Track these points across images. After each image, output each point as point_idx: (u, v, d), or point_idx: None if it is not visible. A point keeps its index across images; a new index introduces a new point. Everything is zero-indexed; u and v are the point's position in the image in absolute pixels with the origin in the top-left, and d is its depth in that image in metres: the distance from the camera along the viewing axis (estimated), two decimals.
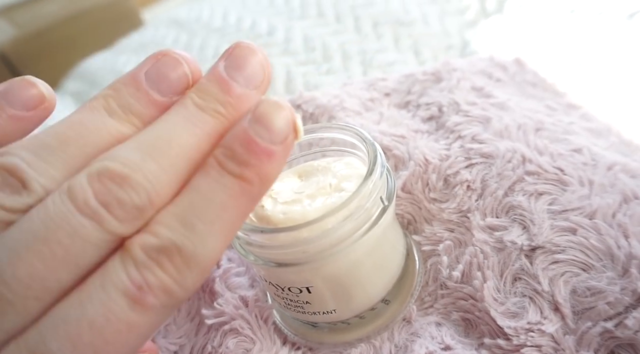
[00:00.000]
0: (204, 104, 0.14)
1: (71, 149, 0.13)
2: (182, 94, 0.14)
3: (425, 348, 0.20)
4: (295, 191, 0.22)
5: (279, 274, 0.21)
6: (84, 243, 0.11)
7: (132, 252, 0.12)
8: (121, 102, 0.14)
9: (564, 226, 0.21)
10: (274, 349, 0.22)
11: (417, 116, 0.32)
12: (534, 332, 0.19)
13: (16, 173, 0.12)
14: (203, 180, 0.13)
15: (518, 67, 0.35)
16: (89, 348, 0.11)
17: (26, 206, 0.12)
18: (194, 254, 0.12)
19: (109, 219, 0.12)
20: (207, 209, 0.12)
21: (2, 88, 0.14)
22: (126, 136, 0.13)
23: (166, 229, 0.12)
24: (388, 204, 0.21)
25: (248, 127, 0.13)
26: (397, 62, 0.44)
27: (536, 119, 0.27)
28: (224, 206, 0.12)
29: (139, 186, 0.12)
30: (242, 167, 0.13)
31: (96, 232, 0.11)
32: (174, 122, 0.13)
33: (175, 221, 0.12)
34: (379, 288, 0.22)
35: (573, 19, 0.42)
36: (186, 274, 0.12)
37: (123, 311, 0.11)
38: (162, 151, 0.13)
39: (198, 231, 0.12)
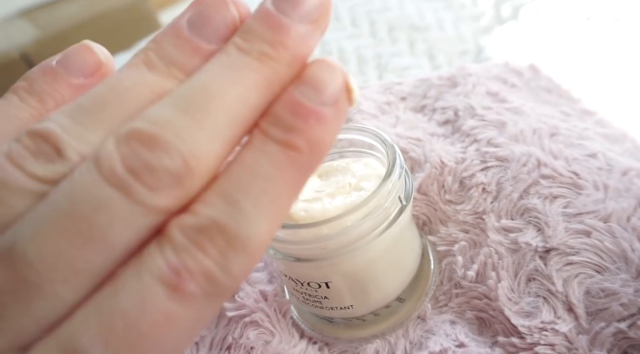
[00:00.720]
0: (248, 46, 0.12)
1: (109, 110, 0.11)
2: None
3: (439, 345, 0.21)
4: (315, 189, 0.23)
5: (299, 269, 0.21)
6: (111, 217, 0.10)
7: (169, 234, 0.10)
8: (161, 54, 0.12)
9: (579, 228, 0.21)
10: (292, 342, 0.22)
11: (433, 120, 0.32)
12: (548, 331, 0.19)
13: (50, 139, 0.11)
14: (246, 151, 0.11)
15: (533, 73, 0.36)
16: (123, 343, 0.10)
17: (61, 175, 0.10)
18: (238, 234, 0.10)
19: (137, 188, 0.10)
20: (252, 182, 0.11)
21: (61, 56, 0.13)
22: (169, 92, 0.12)
23: (205, 207, 0.10)
24: (406, 203, 0.21)
25: (294, 88, 0.11)
26: (411, 67, 0.45)
27: (551, 124, 0.28)
28: (269, 179, 0.11)
29: (171, 147, 0.10)
30: (288, 133, 0.11)
31: (125, 204, 0.10)
32: (213, 72, 0.11)
33: (215, 197, 0.10)
34: (395, 286, 0.23)
35: (589, 26, 0.42)
36: (230, 257, 0.10)
37: (160, 300, 0.10)
38: (199, 106, 0.11)
39: (242, 207, 0.10)
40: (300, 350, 0.22)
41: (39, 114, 0.13)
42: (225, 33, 0.12)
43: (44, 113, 0.13)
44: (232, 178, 0.11)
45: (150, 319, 0.10)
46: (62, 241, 0.10)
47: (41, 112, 0.13)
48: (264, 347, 0.21)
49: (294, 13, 0.12)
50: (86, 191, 0.10)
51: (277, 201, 0.11)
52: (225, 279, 0.10)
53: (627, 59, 0.37)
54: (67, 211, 0.10)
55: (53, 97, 0.13)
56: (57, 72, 0.13)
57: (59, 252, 0.10)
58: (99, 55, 0.14)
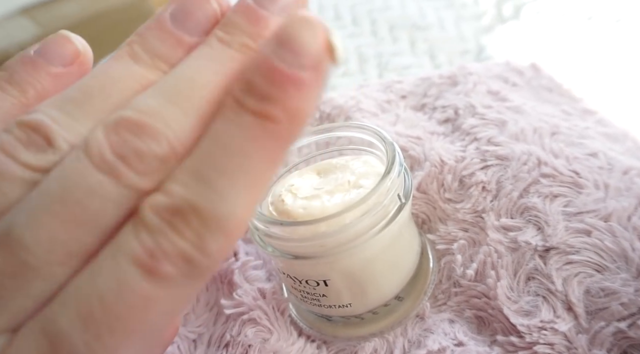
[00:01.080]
0: (229, 38, 0.12)
1: (96, 101, 0.11)
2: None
3: (438, 344, 0.21)
4: (314, 187, 0.22)
5: (297, 267, 0.21)
6: (103, 202, 0.10)
7: (142, 215, 0.10)
8: (146, 47, 0.12)
9: (579, 227, 0.21)
10: (291, 339, 0.22)
11: (433, 118, 0.32)
12: (547, 330, 0.19)
13: (40, 130, 0.11)
14: (219, 123, 0.10)
15: (534, 72, 0.35)
16: (102, 325, 0.10)
17: (52, 164, 0.11)
18: (213, 214, 0.10)
19: (126, 173, 0.10)
20: (225, 158, 0.10)
21: (39, 46, 0.14)
22: (153, 83, 0.12)
23: (178, 186, 0.10)
24: (405, 201, 0.21)
25: (269, 51, 0.10)
26: (412, 66, 0.45)
27: (552, 123, 0.27)
28: (244, 153, 0.10)
29: (159, 134, 0.10)
30: (264, 102, 0.10)
31: (115, 188, 0.10)
32: (196, 63, 0.12)
33: (188, 176, 0.10)
34: (393, 284, 0.23)
35: (590, 25, 0.42)
36: (207, 238, 0.10)
37: (136, 282, 0.10)
38: (183, 94, 0.11)
39: (216, 186, 0.10)
40: (298, 348, 0.22)
41: (20, 103, 0.13)
42: (206, 26, 0.13)
43: (24, 102, 0.13)
44: (205, 155, 0.10)
45: (128, 302, 0.10)
46: (57, 226, 0.10)
47: (22, 101, 0.13)
48: (262, 345, 0.21)
49: (272, 6, 0.12)
50: (77, 177, 0.10)
51: (254, 177, 0.10)
52: (203, 260, 0.10)
53: (628, 59, 0.37)
54: (60, 197, 0.10)
55: (34, 87, 0.13)
56: (36, 61, 0.13)
57: (54, 236, 0.10)
58: (77, 45, 0.14)
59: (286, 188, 0.22)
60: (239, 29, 0.12)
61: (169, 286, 0.10)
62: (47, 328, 0.10)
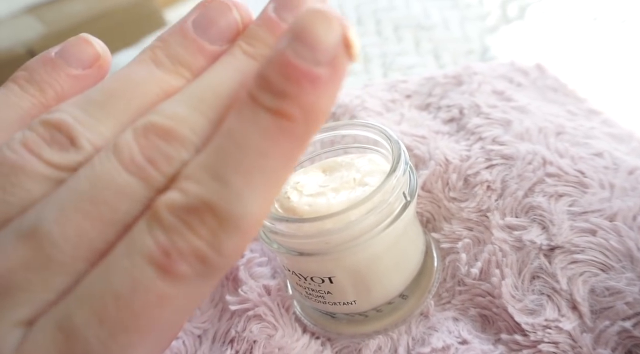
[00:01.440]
0: (253, 50, 0.12)
1: (119, 104, 0.12)
2: (233, 41, 0.13)
3: (442, 342, 0.21)
4: (320, 184, 0.23)
5: (302, 264, 0.21)
6: (131, 202, 0.10)
7: (158, 214, 0.10)
8: (169, 53, 0.13)
9: (584, 227, 0.21)
10: (295, 336, 0.22)
11: (438, 118, 0.32)
12: (551, 329, 0.19)
13: (64, 129, 0.11)
14: (235, 121, 0.10)
15: (539, 72, 0.35)
16: (117, 323, 0.10)
17: (75, 163, 0.11)
18: (229, 213, 0.10)
19: (154, 176, 0.11)
20: (242, 157, 0.10)
21: (60, 48, 0.14)
22: (175, 88, 0.12)
23: (194, 184, 0.10)
24: (410, 199, 0.21)
25: (284, 45, 0.10)
26: (417, 66, 0.45)
27: (557, 123, 0.28)
28: (261, 153, 0.10)
29: (186, 140, 0.11)
30: (279, 98, 0.10)
31: (143, 190, 0.10)
32: (220, 73, 0.12)
33: (204, 174, 0.10)
34: (398, 282, 0.23)
35: (596, 26, 0.42)
36: (222, 237, 0.10)
37: (151, 280, 0.10)
38: (209, 103, 0.11)
39: (232, 184, 0.10)
40: (303, 344, 0.22)
41: (39, 103, 0.13)
42: (228, 35, 0.13)
43: (44, 102, 0.13)
44: (221, 153, 0.10)
45: (143, 300, 0.10)
46: (85, 223, 0.10)
47: (41, 102, 0.13)
48: (266, 341, 0.21)
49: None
50: (107, 177, 0.10)
51: (270, 176, 0.10)
52: (218, 259, 0.10)
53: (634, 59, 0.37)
54: (90, 195, 0.10)
55: (53, 87, 0.13)
56: (56, 62, 0.14)
57: (82, 233, 0.10)
58: (97, 48, 0.14)
59: (292, 185, 0.23)
60: (262, 41, 0.12)
61: (183, 285, 0.10)
62: (63, 323, 0.10)
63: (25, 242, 0.10)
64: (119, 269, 0.10)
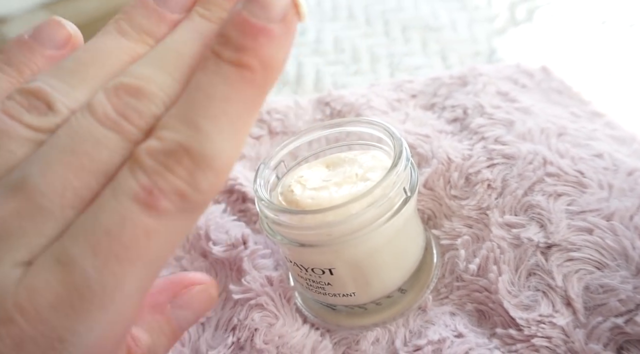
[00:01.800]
0: (209, 14, 0.14)
1: (90, 71, 0.13)
2: (191, 10, 0.14)
3: (438, 335, 0.21)
4: (323, 179, 0.23)
5: (303, 255, 0.22)
6: (110, 152, 0.12)
7: (139, 159, 0.11)
8: (132, 23, 0.14)
9: (581, 226, 0.22)
10: (295, 326, 0.23)
11: (442, 118, 0.33)
12: (545, 324, 0.20)
13: (41, 96, 0.12)
14: (201, 75, 0.12)
15: (544, 74, 0.36)
16: (109, 254, 0.11)
17: (54, 125, 0.12)
18: (202, 154, 0.11)
19: (129, 129, 0.12)
20: (209, 104, 0.12)
21: (32, 31, 0.15)
22: (141, 55, 0.13)
23: (169, 131, 0.11)
24: (410, 195, 0.22)
25: (240, 7, 0.12)
26: (424, 66, 0.45)
27: (559, 125, 0.28)
28: (226, 98, 0.12)
29: (154, 96, 0.12)
30: (239, 52, 0.12)
31: (120, 142, 0.12)
32: (182, 36, 0.13)
33: (177, 122, 0.12)
34: (397, 276, 0.24)
35: (604, 29, 0.42)
36: (198, 175, 0.11)
37: (137, 216, 0.11)
38: (173, 63, 0.13)
39: (203, 128, 0.11)
40: (303, 334, 0.23)
41: (18, 83, 0.14)
42: (186, 4, 0.14)
43: (22, 82, 0.14)
44: (191, 102, 0.12)
45: (131, 233, 0.11)
46: (68, 173, 0.11)
47: (20, 82, 0.14)
48: (267, 329, 0.22)
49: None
50: (85, 131, 0.12)
51: (237, 119, 0.12)
52: (196, 196, 0.11)
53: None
54: (70, 148, 0.12)
55: (30, 68, 0.15)
56: (31, 45, 0.15)
57: (66, 183, 0.11)
58: (68, 29, 0.15)
59: (295, 179, 0.23)
60: (217, 5, 0.14)
61: (166, 219, 0.11)
62: (60, 257, 0.11)
63: (14, 194, 0.11)
64: (107, 209, 0.11)
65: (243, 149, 0.35)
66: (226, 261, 0.26)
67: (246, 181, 0.31)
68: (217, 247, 0.26)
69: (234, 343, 0.22)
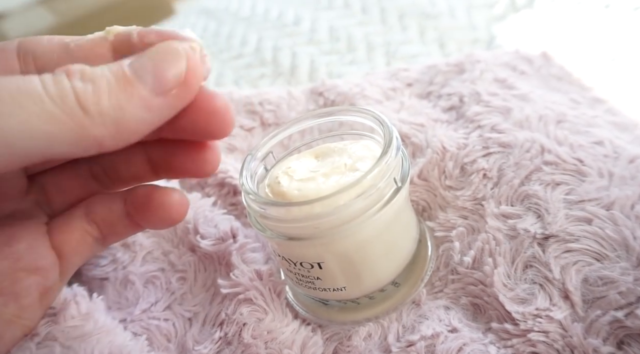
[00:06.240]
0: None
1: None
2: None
3: (432, 329, 0.21)
4: (311, 169, 0.22)
5: (291, 249, 0.21)
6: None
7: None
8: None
9: (580, 215, 0.21)
10: (285, 321, 0.22)
11: (438, 106, 0.32)
12: (542, 318, 0.19)
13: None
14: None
15: (544, 60, 0.35)
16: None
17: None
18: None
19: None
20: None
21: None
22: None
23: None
24: (401, 185, 0.21)
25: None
26: (421, 54, 0.44)
27: (558, 111, 0.27)
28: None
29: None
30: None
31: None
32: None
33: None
34: (389, 269, 0.23)
35: (607, 14, 0.40)
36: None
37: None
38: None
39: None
40: (293, 329, 0.22)
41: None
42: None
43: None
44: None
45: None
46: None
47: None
48: (256, 324, 0.22)
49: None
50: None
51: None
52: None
53: None
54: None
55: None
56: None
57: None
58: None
59: (283, 171, 0.22)
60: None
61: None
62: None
63: None
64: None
65: (234, 141, 0.34)
66: (215, 255, 0.25)
67: (237, 173, 0.30)
68: (206, 241, 0.25)
69: (221, 338, 0.22)
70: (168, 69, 0.15)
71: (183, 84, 0.15)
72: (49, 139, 0.13)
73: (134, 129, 0.15)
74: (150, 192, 0.21)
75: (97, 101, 0.14)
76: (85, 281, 0.25)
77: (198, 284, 0.25)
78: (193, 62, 0.15)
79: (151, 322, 0.24)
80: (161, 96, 0.15)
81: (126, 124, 0.14)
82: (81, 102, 0.14)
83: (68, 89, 0.14)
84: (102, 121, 0.14)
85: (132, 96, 0.14)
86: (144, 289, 0.25)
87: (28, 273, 0.19)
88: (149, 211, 0.20)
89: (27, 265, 0.19)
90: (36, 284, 0.19)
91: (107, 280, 0.25)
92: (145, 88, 0.15)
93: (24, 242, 0.19)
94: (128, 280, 0.25)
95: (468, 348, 0.20)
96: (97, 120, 0.14)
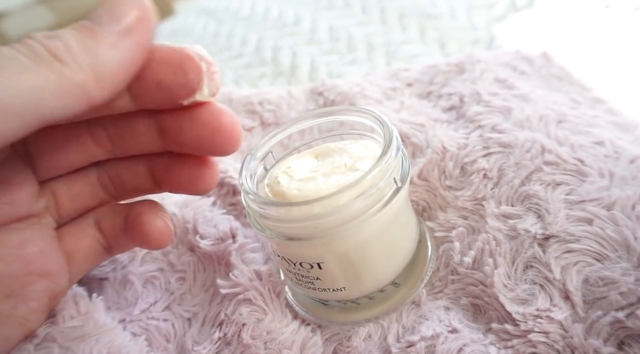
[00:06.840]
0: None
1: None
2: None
3: (432, 330, 0.21)
4: (310, 169, 0.22)
5: (291, 249, 0.21)
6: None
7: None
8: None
9: (580, 216, 0.21)
10: (285, 321, 0.22)
11: (438, 106, 0.32)
12: (543, 319, 0.19)
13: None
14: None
15: (544, 60, 0.34)
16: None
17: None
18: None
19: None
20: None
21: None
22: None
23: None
24: (401, 185, 0.21)
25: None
26: (421, 55, 0.44)
27: (559, 111, 0.27)
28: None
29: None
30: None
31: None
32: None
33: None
34: (389, 270, 0.23)
35: (608, 14, 0.40)
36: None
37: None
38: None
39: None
40: (292, 330, 0.22)
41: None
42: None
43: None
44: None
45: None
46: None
47: None
48: (255, 324, 0.21)
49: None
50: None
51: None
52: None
53: None
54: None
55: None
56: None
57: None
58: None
59: (283, 170, 0.22)
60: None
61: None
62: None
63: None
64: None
65: None
66: (214, 255, 0.25)
67: (236, 173, 0.30)
68: (205, 241, 0.25)
69: (220, 338, 0.22)
70: (123, 10, 0.16)
71: (141, 19, 0.16)
72: (36, 92, 0.14)
73: (111, 71, 0.15)
74: (138, 213, 0.21)
75: (68, 49, 0.15)
76: (85, 281, 0.25)
77: (197, 284, 0.25)
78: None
79: (150, 322, 0.23)
80: (126, 34, 0.16)
81: (102, 67, 0.15)
82: (53, 53, 0.15)
83: (38, 46, 0.15)
84: (78, 67, 0.15)
85: (99, 41, 0.15)
86: (143, 289, 0.25)
87: (38, 276, 0.19)
88: (132, 234, 0.21)
89: (38, 269, 0.19)
90: (45, 288, 0.19)
91: (106, 280, 0.25)
92: (110, 31, 0.15)
93: (36, 246, 0.19)
94: (127, 280, 0.25)
95: (468, 348, 0.19)
96: (73, 66, 0.15)
